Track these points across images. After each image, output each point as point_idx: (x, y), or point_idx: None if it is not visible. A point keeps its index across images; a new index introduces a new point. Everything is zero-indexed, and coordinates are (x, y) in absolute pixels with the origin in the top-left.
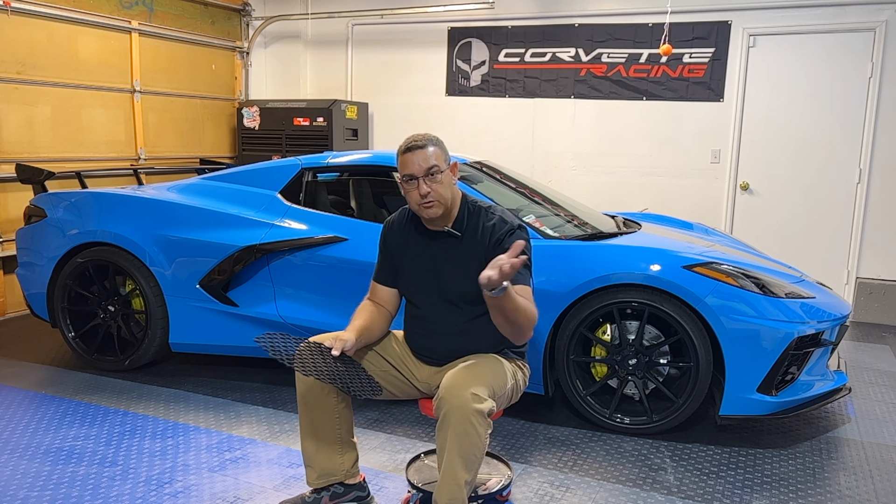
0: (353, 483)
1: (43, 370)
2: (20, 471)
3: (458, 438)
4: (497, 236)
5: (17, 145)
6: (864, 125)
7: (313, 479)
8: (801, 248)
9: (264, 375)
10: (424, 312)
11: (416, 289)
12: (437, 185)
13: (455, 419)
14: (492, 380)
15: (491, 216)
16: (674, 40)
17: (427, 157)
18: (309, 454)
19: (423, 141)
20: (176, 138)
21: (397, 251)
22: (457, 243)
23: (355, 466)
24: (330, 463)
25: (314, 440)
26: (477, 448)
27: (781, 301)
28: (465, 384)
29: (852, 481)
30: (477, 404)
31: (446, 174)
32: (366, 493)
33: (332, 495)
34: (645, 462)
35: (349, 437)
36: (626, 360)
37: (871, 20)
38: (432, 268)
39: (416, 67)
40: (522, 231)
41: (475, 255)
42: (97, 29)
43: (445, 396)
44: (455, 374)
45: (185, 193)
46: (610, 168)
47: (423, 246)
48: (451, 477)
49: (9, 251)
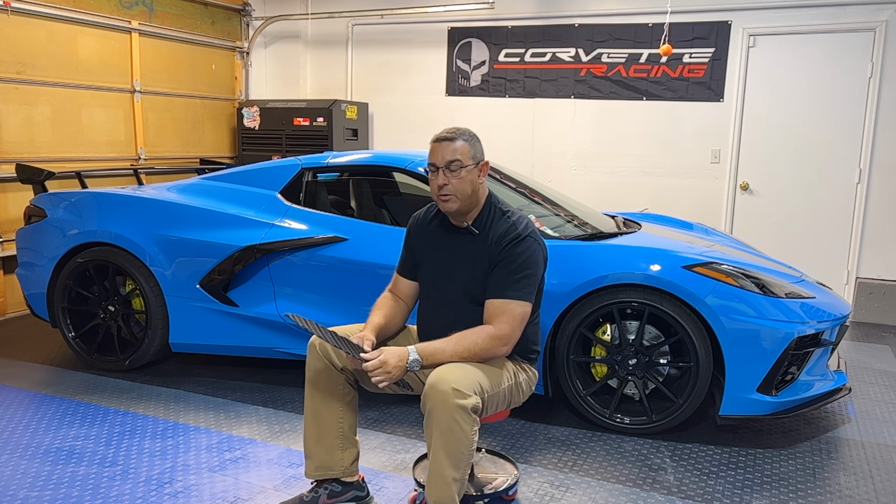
0: (350, 481)
1: (43, 370)
2: (20, 471)
3: (443, 435)
4: (502, 241)
5: (17, 145)
6: (864, 125)
7: (311, 471)
8: (801, 248)
9: (264, 375)
10: (434, 307)
11: (430, 281)
12: (455, 179)
13: (438, 415)
14: (478, 377)
15: (507, 221)
16: (674, 40)
17: (453, 150)
18: (310, 445)
19: (454, 134)
20: (176, 138)
21: (418, 244)
22: (473, 241)
23: (354, 465)
24: (329, 457)
25: (317, 431)
26: (463, 445)
27: (781, 301)
28: (448, 380)
29: (852, 481)
30: (459, 399)
31: (469, 171)
32: (364, 492)
33: (330, 493)
34: (645, 462)
35: (351, 434)
36: (626, 360)
37: (871, 20)
38: (447, 263)
39: (416, 67)
40: (529, 241)
41: (484, 255)
42: (97, 29)
43: (429, 392)
44: (441, 370)
45: (185, 193)
46: (610, 168)
47: (443, 240)
48: (437, 475)
49: (9, 251)
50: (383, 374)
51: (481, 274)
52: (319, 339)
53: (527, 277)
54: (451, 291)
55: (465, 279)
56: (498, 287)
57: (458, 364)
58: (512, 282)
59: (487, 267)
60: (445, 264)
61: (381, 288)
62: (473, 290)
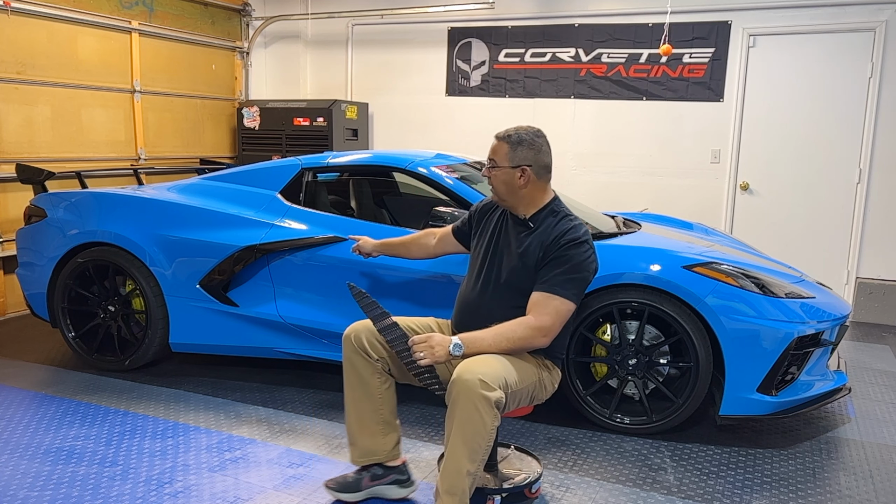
0: (393, 465)
1: (43, 370)
2: (20, 471)
3: (463, 424)
4: (561, 240)
5: (17, 145)
6: (864, 125)
7: (356, 458)
8: (801, 248)
9: (264, 375)
10: (476, 285)
11: (479, 260)
12: (492, 176)
13: (461, 403)
14: (505, 372)
15: (568, 222)
16: (674, 40)
17: (493, 149)
18: (353, 433)
19: (503, 134)
20: (176, 138)
21: (479, 222)
22: (530, 233)
23: (397, 448)
24: (372, 442)
25: (358, 420)
26: (481, 437)
27: (781, 301)
28: (475, 371)
29: (852, 481)
30: (484, 391)
31: (503, 171)
32: (405, 476)
33: (373, 476)
34: (645, 462)
35: (392, 418)
36: (626, 360)
37: (871, 20)
38: (500, 247)
39: (416, 67)
40: (586, 246)
41: (538, 248)
42: (97, 29)
43: (455, 381)
44: (470, 361)
45: (185, 193)
46: (610, 168)
47: (502, 226)
48: (452, 464)
49: (9, 251)
50: (427, 348)
51: (532, 264)
52: (353, 330)
53: (577, 280)
54: (496, 274)
55: (513, 265)
56: (548, 282)
57: (487, 357)
58: (564, 280)
59: (540, 260)
60: (497, 248)
61: (381, 288)
62: (518, 277)
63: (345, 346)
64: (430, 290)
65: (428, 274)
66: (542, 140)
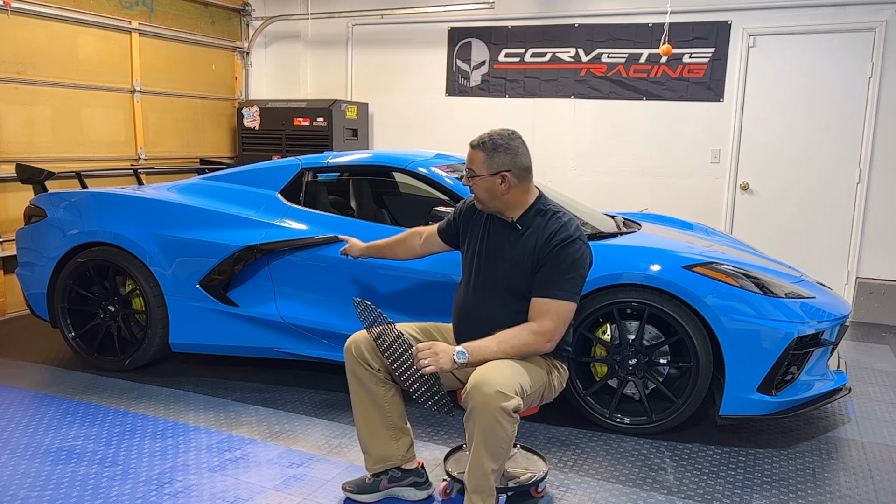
0: (410, 468)
1: (43, 370)
2: (20, 471)
3: (484, 434)
4: (552, 241)
5: (17, 145)
6: (864, 125)
7: (371, 465)
8: (801, 248)
9: (264, 375)
10: (472, 291)
11: (472, 266)
12: (472, 185)
13: (480, 415)
14: (520, 378)
15: (557, 221)
16: (674, 40)
17: (471, 157)
18: (364, 441)
19: (477, 142)
20: (176, 138)
21: (465, 226)
22: (520, 236)
23: (411, 451)
24: (385, 449)
25: (368, 428)
26: (502, 441)
27: (781, 301)
28: (492, 382)
29: (852, 481)
30: (503, 402)
31: (483, 179)
32: (423, 478)
33: (391, 479)
34: (645, 462)
35: (402, 423)
36: (626, 360)
37: (871, 20)
38: (491, 252)
39: (416, 67)
40: (579, 243)
41: (532, 251)
42: (97, 29)
43: (472, 392)
44: (485, 370)
45: (185, 193)
46: (610, 168)
47: (490, 230)
48: (477, 466)
49: (9, 251)
50: (431, 355)
51: (527, 268)
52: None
53: (574, 278)
54: (491, 280)
55: (508, 271)
56: (545, 285)
57: (501, 364)
58: (561, 281)
59: (535, 264)
60: (489, 254)
61: (381, 288)
62: (515, 282)
63: (346, 357)
64: (431, 290)
65: (428, 274)
66: (518, 142)
